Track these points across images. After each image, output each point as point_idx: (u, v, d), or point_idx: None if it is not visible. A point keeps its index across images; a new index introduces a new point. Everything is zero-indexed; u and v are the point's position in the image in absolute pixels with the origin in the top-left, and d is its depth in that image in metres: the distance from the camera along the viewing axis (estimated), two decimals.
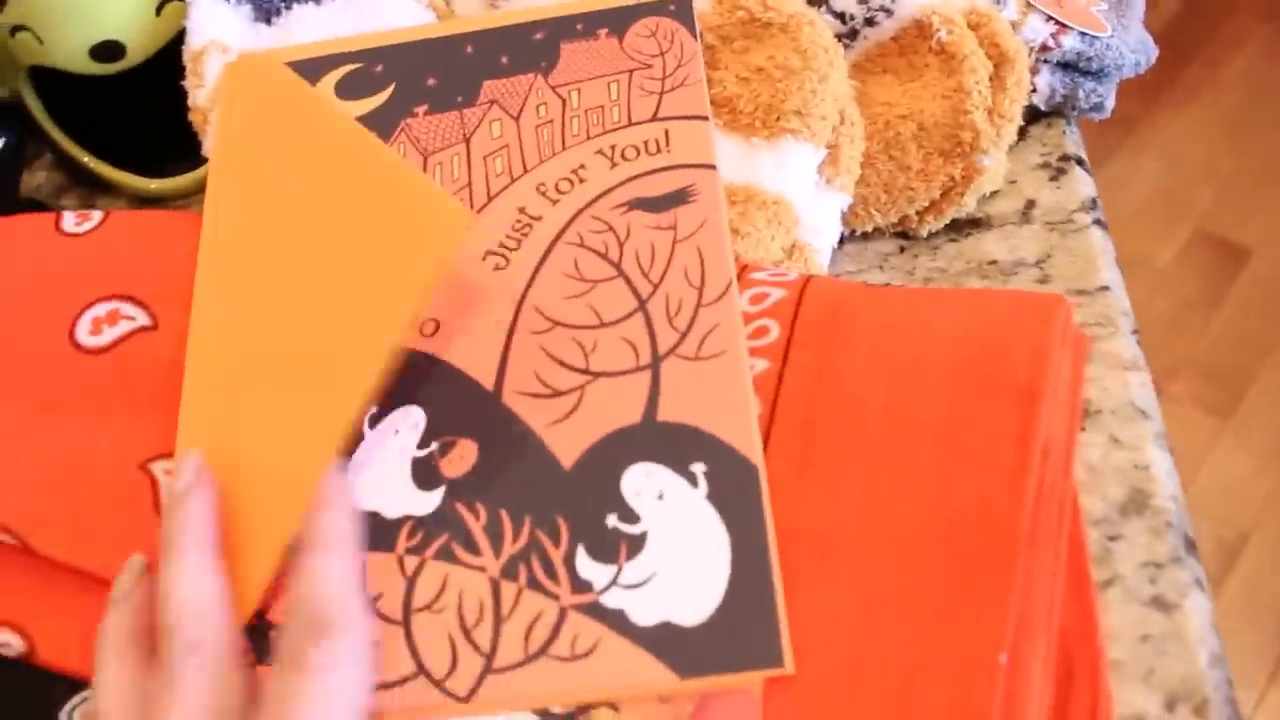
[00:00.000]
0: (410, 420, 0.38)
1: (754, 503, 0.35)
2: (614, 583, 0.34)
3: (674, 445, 0.36)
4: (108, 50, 0.53)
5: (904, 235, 0.50)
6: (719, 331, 0.38)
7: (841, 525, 0.37)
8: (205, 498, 0.37)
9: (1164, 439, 0.43)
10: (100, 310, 0.46)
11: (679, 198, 0.40)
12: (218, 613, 0.34)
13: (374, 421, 0.38)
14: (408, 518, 0.36)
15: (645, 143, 0.42)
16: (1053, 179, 0.51)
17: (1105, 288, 0.47)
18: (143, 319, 0.46)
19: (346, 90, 0.45)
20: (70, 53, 0.54)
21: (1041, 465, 0.36)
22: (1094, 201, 0.50)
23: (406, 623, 0.35)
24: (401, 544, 0.36)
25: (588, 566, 0.34)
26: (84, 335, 0.46)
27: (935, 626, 0.35)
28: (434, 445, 0.37)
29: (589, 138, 0.42)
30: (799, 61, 0.45)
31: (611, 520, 0.35)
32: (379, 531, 0.36)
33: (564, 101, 0.43)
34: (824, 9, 0.49)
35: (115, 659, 0.34)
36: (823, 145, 0.46)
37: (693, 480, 0.35)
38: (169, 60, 0.53)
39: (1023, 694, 0.33)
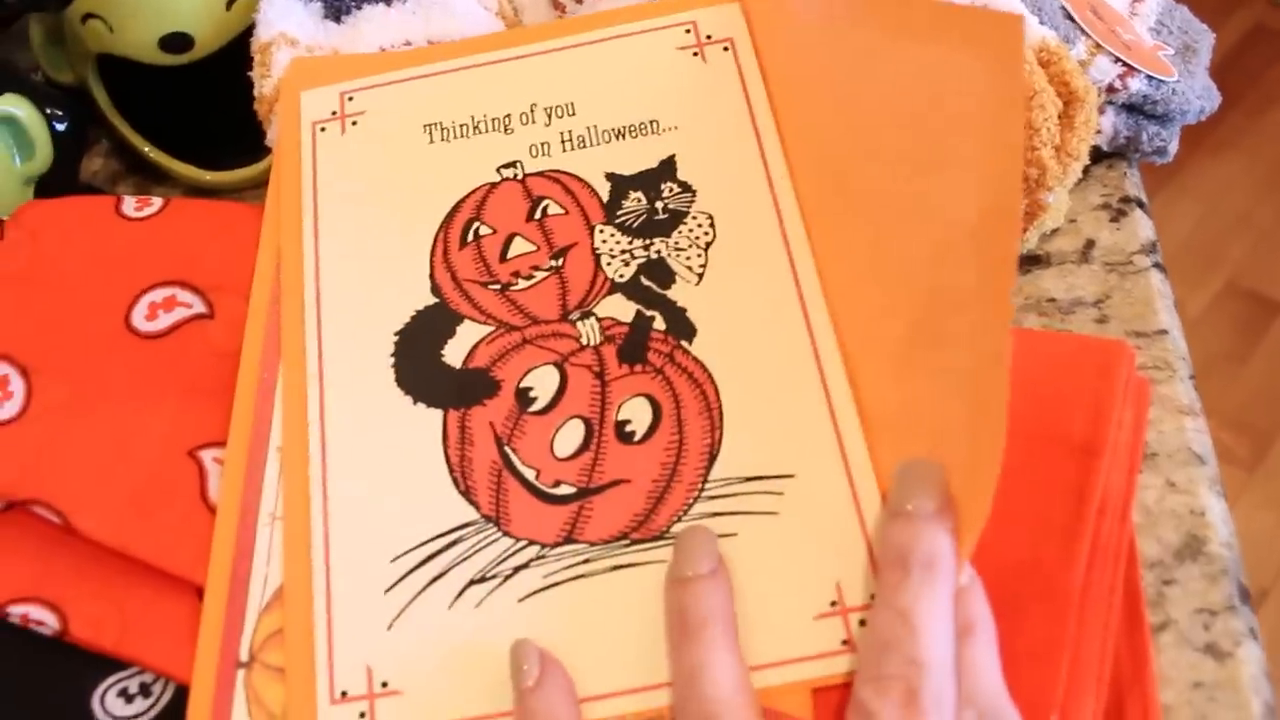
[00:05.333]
0: None
1: None
2: None
3: None
4: (177, 41, 0.53)
5: None
6: None
7: None
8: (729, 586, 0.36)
9: (1219, 485, 0.43)
10: (157, 295, 0.46)
11: None
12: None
13: None
14: None
15: None
16: (1113, 220, 0.51)
17: (1163, 331, 0.46)
18: (199, 306, 0.46)
19: None
20: (139, 42, 0.54)
21: (1098, 520, 0.36)
22: (1154, 245, 0.50)
23: None
24: None
25: None
26: (140, 320, 0.46)
27: None
28: None
29: None
30: None
31: None
32: None
33: None
34: None
35: None
36: None
37: None
38: (232, 54, 0.54)
39: None
